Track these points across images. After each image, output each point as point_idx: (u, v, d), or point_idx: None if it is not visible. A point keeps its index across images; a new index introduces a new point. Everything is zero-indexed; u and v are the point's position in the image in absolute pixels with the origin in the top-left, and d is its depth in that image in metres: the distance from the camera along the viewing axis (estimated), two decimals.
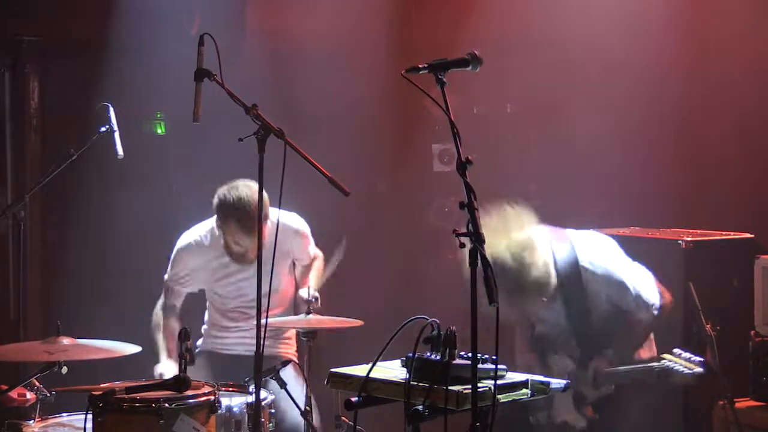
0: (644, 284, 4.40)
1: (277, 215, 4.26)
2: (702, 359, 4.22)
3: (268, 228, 4.66)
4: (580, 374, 4.28)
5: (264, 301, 3.70)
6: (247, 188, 4.77)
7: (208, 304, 5.10)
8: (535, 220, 4.28)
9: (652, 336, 4.54)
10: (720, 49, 5.97)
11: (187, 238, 5.02)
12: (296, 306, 4.93)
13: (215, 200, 4.83)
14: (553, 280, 4.19)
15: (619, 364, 4.33)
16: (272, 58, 6.51)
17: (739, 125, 5.94)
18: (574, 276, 4.25)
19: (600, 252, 4.34)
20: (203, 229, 5.01)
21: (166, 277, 5.03)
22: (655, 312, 4.40)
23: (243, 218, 4.72)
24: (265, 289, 3.68)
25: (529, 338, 4.48)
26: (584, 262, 4.28)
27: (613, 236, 4.61)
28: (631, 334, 4.41)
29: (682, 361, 4.20)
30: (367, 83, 6.44)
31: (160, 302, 5.00)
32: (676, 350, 4.28)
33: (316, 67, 6.55)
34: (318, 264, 5.13)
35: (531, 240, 4.16)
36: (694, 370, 4.20)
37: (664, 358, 4.26)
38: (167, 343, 4.85)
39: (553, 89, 6.33)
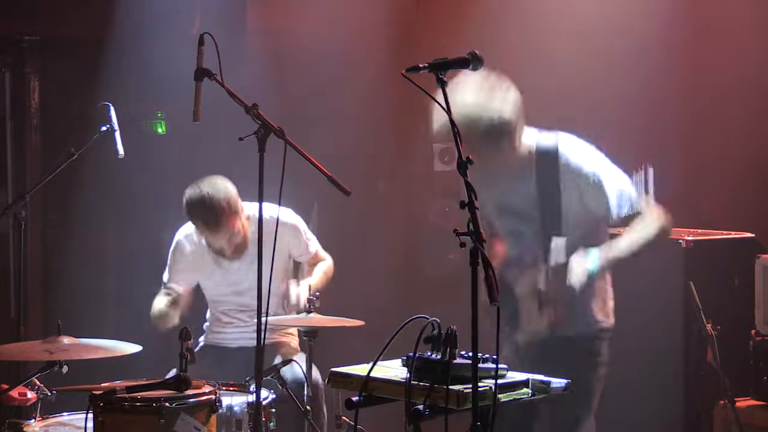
0: (615, 184, 4.21)
1: (276, 212, 4.25)
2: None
3: (241, 223, 4.79)
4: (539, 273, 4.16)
5: (264, 300, 3.70)
6: (209, 186, 4.77)
7: (208, 302, 5.11)
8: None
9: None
10: (723, 48, 5.97)
11: (182, 232, 5.06)
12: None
13: (183, 200, 4.82)
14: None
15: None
16: (272, 58, 6.51)
17: (741, 124, 5.94)
18: (549, 161, 4.17)
19: (581, 148, 4.24)
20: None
21: (164, 276, 5.05)
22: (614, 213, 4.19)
23: (207, 216, 4.75)
24: (264, 289, 3.68)
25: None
26: (562, 151, 4.18)
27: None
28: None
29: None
30: (367, 83, 6.44)
31: (157, 298, 5.00)
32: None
33: (316, 67, 6.55)
34: (325, 266, 5.11)
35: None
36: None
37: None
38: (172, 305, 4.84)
39: (553, 89, 6.32)
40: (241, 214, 4.83)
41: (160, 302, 4.90)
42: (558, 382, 3.23)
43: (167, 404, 3.70)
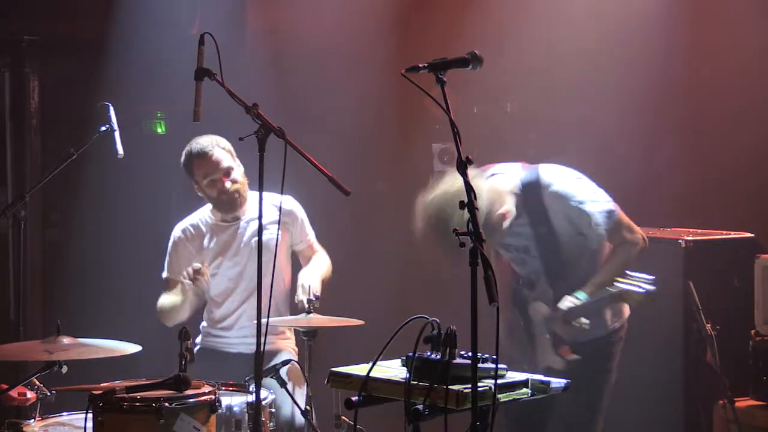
0: (596, 203, 4.33)
1: (279, 200, 4.32)
2: (653, 277, 4.19)
3: (237, 167, 4.88)
4: (553, 316, 4.25)
5: (264, 299, 3.69)
6: (205, 137, 4.91)
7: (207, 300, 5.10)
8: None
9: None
10: (722, 47, 5.97)
11: (178, 228, 5.07)
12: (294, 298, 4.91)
13: (182, 160, 4.93)
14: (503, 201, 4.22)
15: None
16: (272, 58, 6.51)
17: (740, 123, 5.94)
18: (534, 193, 4.26)
19: (562, 175, 4.32)
20: (194, 217, 5.07)
21: (164, 273, 5.05)
22: (601, 231, 4.30)
23: (204, 156, 4.84)
24: (265, 283, 3.67)
25: (510, 294, 4.49)
26: (544, 181, 4.27)
27: None
28: (596, 266, 4.37)
29: (635, 281, 4.19)
30: (367, 83, 6.44)
31: (162, 296, 5.00)
32: (627, 272, 4.26)
33: (316, 67, 6.55)
34: (322, 260, 5.10)
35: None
36: (647, 288, 4.17)
37: (617, 281, 4.24)
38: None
39: (552, 89, 6.32)
40: (234, 158, 4.90)
41: (166, 298, 4.91)
42: (557, 382, 3.23)
43: (167, 404, 3.70)
